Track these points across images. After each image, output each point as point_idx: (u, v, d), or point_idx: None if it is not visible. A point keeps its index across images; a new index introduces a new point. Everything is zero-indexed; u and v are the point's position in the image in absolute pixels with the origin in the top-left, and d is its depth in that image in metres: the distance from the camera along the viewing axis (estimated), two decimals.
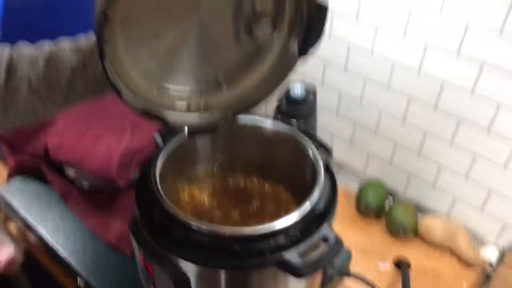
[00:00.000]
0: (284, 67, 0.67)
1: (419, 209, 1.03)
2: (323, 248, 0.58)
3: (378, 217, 1.04)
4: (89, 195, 0.94)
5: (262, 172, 0.81)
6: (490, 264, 0.92)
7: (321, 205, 0.63)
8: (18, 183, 1.00)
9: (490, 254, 0.94)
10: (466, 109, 0.86)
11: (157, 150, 0.72)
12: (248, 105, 0.70)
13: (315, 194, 0.62)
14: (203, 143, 0.77)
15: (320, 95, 1.00)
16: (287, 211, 0.62)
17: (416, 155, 0.99)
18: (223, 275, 0.59)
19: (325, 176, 0.66)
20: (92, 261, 0.85)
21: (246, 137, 0.78)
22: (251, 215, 0.75)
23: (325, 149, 0.74)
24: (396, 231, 0.98)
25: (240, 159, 0.80)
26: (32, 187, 0.99)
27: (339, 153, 1.14)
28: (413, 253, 0.96)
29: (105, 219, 0.89)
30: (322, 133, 1.03)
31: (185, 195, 0.77)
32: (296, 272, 0.55)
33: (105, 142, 0.92)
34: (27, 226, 0.94)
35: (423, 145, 0.97)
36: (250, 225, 0.68)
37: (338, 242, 0.59)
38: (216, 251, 0.57)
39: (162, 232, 0.60)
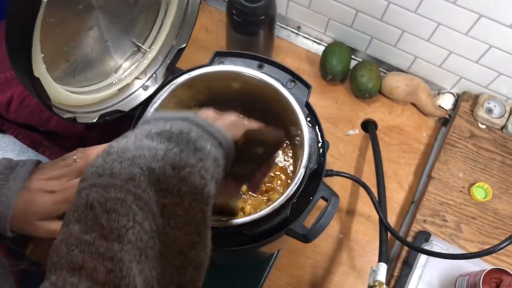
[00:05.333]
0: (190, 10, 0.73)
1: (380, 65, 1.05)
2: (324, 206, 0.64)
3: (343, 81, 1.06)
4: (57, 139, 0.89)
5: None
6: (447, 112, 1.02)
7: (312, 164, 0.66)
8: None
9: (446, 102, 1.03)
10: None
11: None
12: (175, 57, 0.76)
13: (305, 157, 0.64)
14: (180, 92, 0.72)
15: None
16: None
17: (378, 21, 0.96)
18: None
19: (308, 126, 0.67)
20: None
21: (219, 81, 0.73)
22: None
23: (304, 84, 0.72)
24: (362, 95, 1.02)
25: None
26: None
27: (297, 17, 1.08)
28: (378, 113, 1.04)
29: None
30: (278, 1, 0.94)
31: None
32: (305, 239, 0.63)
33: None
34: None
35: (386, 13, 0.93)
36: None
37: (335, 198, 0.65)
38: (228, 238, 0.62)
39: None
